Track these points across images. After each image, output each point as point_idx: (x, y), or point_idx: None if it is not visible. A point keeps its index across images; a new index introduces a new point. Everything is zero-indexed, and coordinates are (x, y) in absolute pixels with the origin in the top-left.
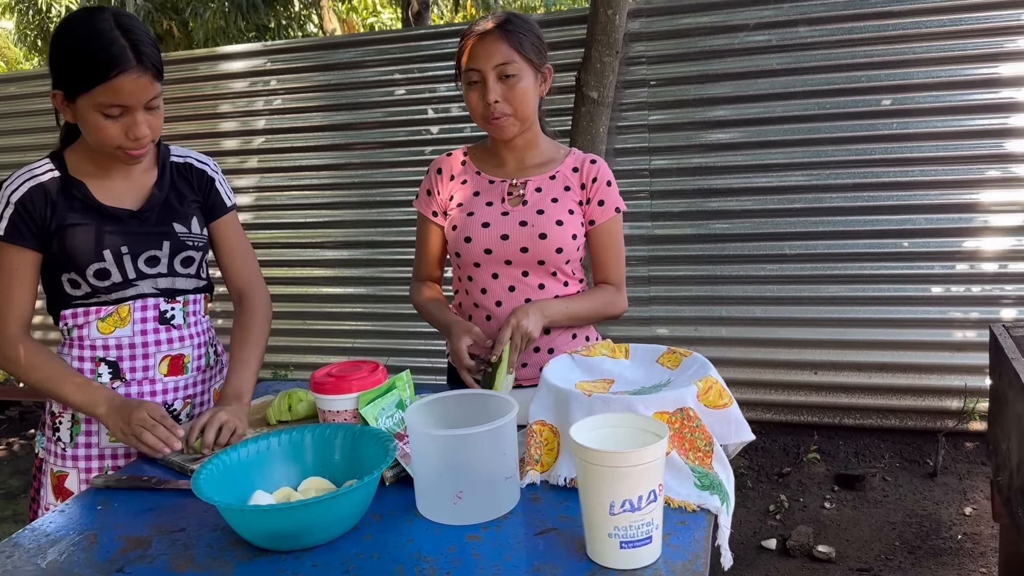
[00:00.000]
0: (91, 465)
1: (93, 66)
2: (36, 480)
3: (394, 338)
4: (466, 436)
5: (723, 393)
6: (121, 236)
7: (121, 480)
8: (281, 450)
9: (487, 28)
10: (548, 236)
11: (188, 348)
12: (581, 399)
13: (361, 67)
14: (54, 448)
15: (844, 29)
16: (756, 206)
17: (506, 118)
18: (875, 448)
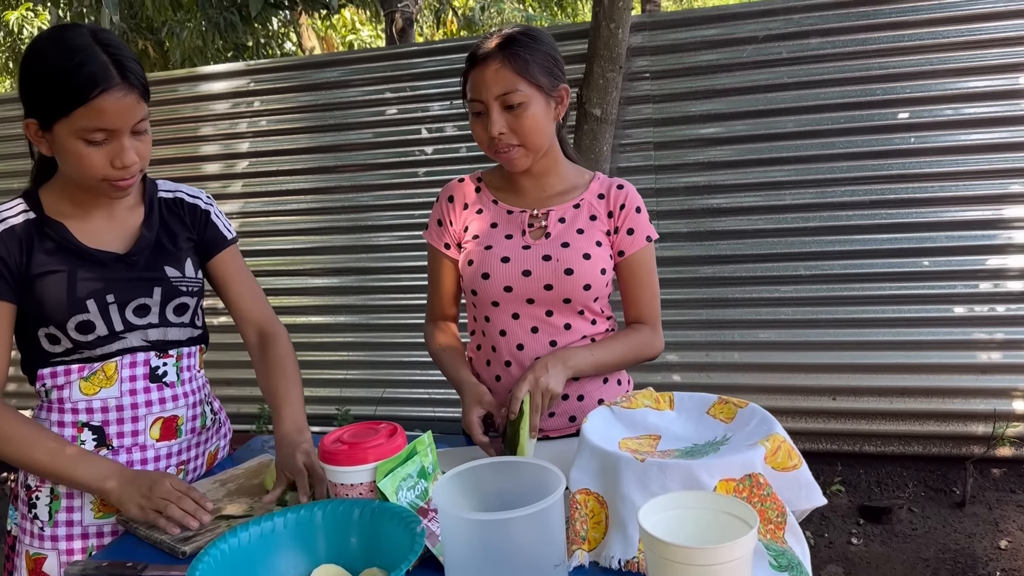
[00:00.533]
0: (73, 546)
1: (72, 86)
2: (10, 562)
3: (387, 368)
4: (508, 521)
5: (792, 453)
6: (106, 283)
7: (101, 567)
8: (288, 533)
9: (488, 51)
10: (575, 272)
11: (182, 408)
12: (633, 465)
13: (347, 86)
14: (30, 527)
15: (858, 40)
16: (768, 225)
17: (514, 149)
18: (898, 477)
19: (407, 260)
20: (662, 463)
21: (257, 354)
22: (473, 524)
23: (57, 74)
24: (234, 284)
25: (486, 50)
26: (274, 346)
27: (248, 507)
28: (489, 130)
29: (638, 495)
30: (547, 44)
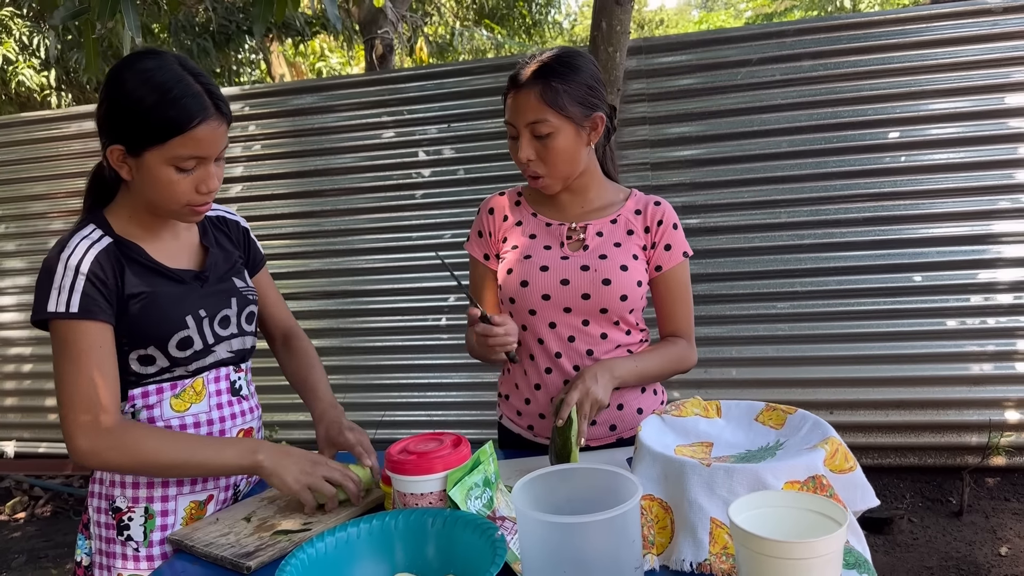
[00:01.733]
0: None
1: (171, 116)
2: None
3: (384, 391)
4: (589, 524)
5: (848, 455)
6: (195, 299)
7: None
8: (366, 541)
9: (525, 78)
10: (612, 282)
11: (254, 420)
12: (699, 470)
13: (337, 111)
14: (121, 550)
15: (849, 63)
16: (765, 243)
17: (543, 179)
18: (896, 488)
19: (400, 282)
20: (728, 467)
21: (282, 349)
22: (554, 527)
23: (154, 105)
24: (270, 296)
25: (523, 77)
26: (299, 340)
27: (303, 521)
28: (519, 155)
29: (705, 499)
30: (585, 72)
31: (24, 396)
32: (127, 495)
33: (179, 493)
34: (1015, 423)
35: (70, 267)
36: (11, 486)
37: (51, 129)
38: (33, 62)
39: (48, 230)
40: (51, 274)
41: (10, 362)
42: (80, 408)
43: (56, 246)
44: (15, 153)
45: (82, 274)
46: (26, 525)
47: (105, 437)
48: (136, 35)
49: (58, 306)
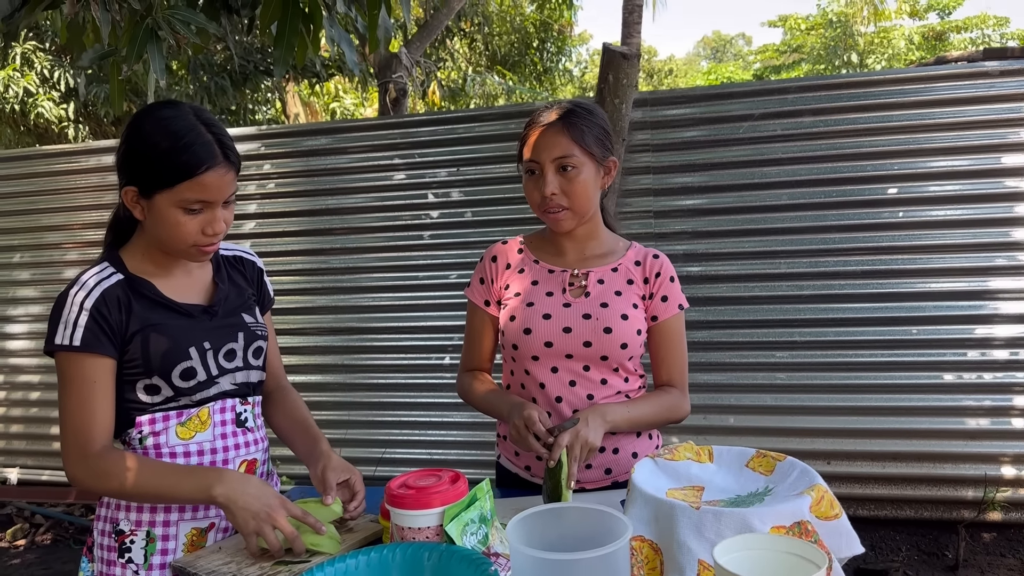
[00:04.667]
0: None
1: (180, 162)
2: None
3: (387, 428)
4: (579, 561)
5: (833, 503)
6: (200, 332)
7: None
8: (368, 572)
9: (550, 120)
10: (613, 330)
11: (258, 452)
12: (689, 513)
13: (356, 152)
14: (121, 573)
15: (850, 120)
16: (764, 292)
17: (563, 212)
18: (891, 540)
19: (405, 320)
20: (717, 511)
21: (270, 397)
22: (545, 563)
23: (166, 151)
24: (269, 341)
25: (548, 117)
26: (291, 391)
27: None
28: (542, 190)
29: (694, 541)
30: (601, 118)
31: (30, 424)
32: (131, 518)
33: (180, 519)
34: (1011, 478)
35: (76, 303)
36: (12, 513)
37: (70, 162)
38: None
39: (62, 260)
40: (60, 309)
41: (19, 389)
42: (71, 435)
43: (71, 282)
44: (34, 184)
45: (86, 310)
46: (26, 552)
47: (88, 463)
48: (160, 77)
49: (63, 339)
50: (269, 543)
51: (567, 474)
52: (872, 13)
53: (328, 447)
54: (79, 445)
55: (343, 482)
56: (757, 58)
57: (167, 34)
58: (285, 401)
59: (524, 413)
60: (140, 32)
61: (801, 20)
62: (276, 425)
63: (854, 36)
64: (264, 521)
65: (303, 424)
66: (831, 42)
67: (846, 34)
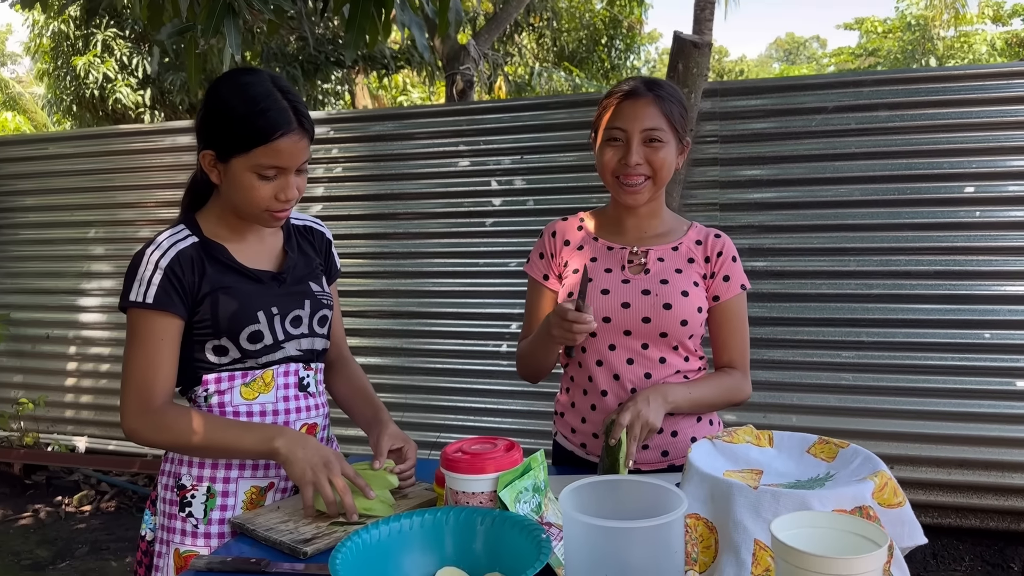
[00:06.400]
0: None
1: (257, 127)
2: (142, 567)
3: (429, 412)
4: (633, 529)
5: (897, 491)
6: (269, 297)
7: (227, 562)
8: (418, 533)
9: (640, 89)
10: (673, 307)
11: (319, 417)
12: (747, 492)
13: (423, 138)
14: (181, 526)
15: (927, 115)
16: (831, 290)
17: (645, 182)
18: (954, 549)
19: (465, 307)
20: (775, 491)
21: (332, 367)
22: (599, 531)
23: (243, 115)
24: (334, 311)
25: (637, 89)
26: (352, 361)
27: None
28: (628, 159)
29: (751, 521)
30: (684, 99)
31: (99, 395)
32: (192, 473)
33: (240, 476)
34: None
35: (151, 262)
36: (80, 480)
37: (145, 141)
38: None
39: (135, 237)
40: (136, 267)
41: (89, 361)
42: (133, 389)
43: (147, 242)
44: (110, 163)
45: (160, 269)
46: (91, 518)
47: (148, 417)
48: (236, 53)
49: (137, 296)
50: (324, 493)
51: (625, 453)
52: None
53: (387, 416)
54: (141, 399)
55: (397, 450)
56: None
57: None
58: (347, 370)
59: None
60: (218, 7)
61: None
62: (337, 393)
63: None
64: (320, 472)
65: (363, 392)
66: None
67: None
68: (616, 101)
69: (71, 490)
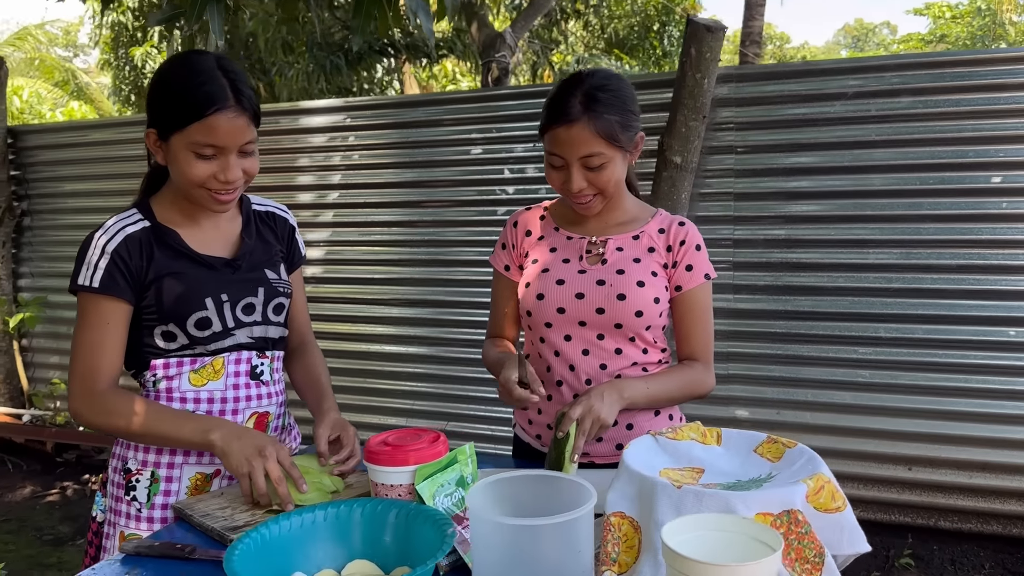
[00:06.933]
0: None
1: (190, 102)
2: (92, 547)
3: (454, 402)
4: (537, 527)
5: (836, 494)
6: (219, 284)
7: (154, 547)
8: (327, 526)
9: (572, 112)
10: (627, 297)
11: (272, 406)
12: (670, 491)
13: (436, 125)
14: (126, 509)
15: (951, 101)
16: (849, 284)
17: (592, 199)
18: (974, 556)
19: (484, 296)
20: (699, 491)
21: (293, 353)
22: (503, 528)
23: (179, 91)
24: (297, 298)
25: (569, 111)
26: (313, 348)
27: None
28: (569, 186)
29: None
30: (625, 95)
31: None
32: (138, 458)
33: (185, 463)
34: None
35: (98, 246)
36: None
37: None
38: None
39: None
40: (84, 251)
41: None
42: (78, 372)
43: (97, 226)
44: None
45: (107, 254)
46: None
47: (91, 400)
48: (219, 38)
49: (84, 280)
50: (256, 485)
51: (571, 447)
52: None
53: (331, 405)
54: (85, 383)
55: (335, 440)
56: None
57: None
58: (305, 358)
59: (501, 378)
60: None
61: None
62: (293, 380)
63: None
64: (256, 463)
65: (315, 381)
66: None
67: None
68: (550, 124)
69: (99, 468)
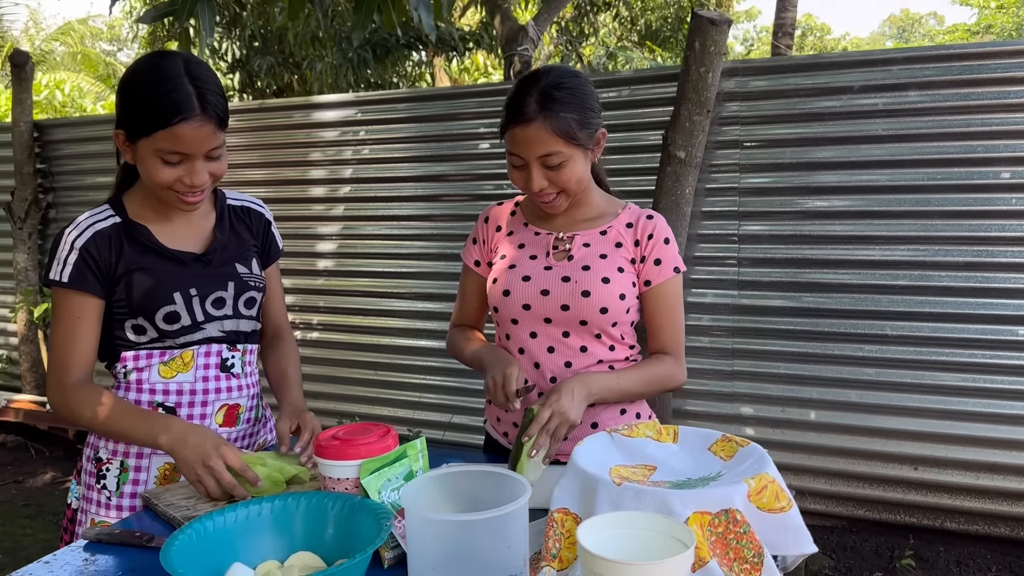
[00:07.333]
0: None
1: (157, 110)
2: (67, 533)
3: (462, 395)
4: (466, 523)
5: (780, 494)
6: (188, 278)
7: (114, 535)
8: (271, 518)
9: (527, 112)
10: (592, 294)
11: (243, 398)
12: (609, 488)
13: (450, 120)
14: (96, 497)
15: (960, 95)
16: (855, 280)
17: (556, 197)
18: (980, 558)
19: None
20: (638, 489)
21: (268, 345)
22: (433, 524)
23: (146, 97)
24: (272, 291)
25: (525, 110)
26: (286, 341)
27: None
28: (530, 186)
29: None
30: (583, 92)
31: None
32: (108, 448)
33: (154, 453)
34: None
35: (68, 242)
36: None
37: None
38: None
39: None
40: (56, 246)
41: None
42: (52, 364)
43: (69, 222)
44: None
45: (76, 249)
46: None
47: (64, 392)
48: (209, 35)
49: (55, 274)
50: (209, 490)
51: (530, 446)
52: None
53: (295, 397)
54: (58, 374)
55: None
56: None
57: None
58: (278, 350)
59: (506, 371)
60: None
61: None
62: (266, 372)
63: None
64: (204, 471)
65: (282, 373)
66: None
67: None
68: (508, 124)
69: None
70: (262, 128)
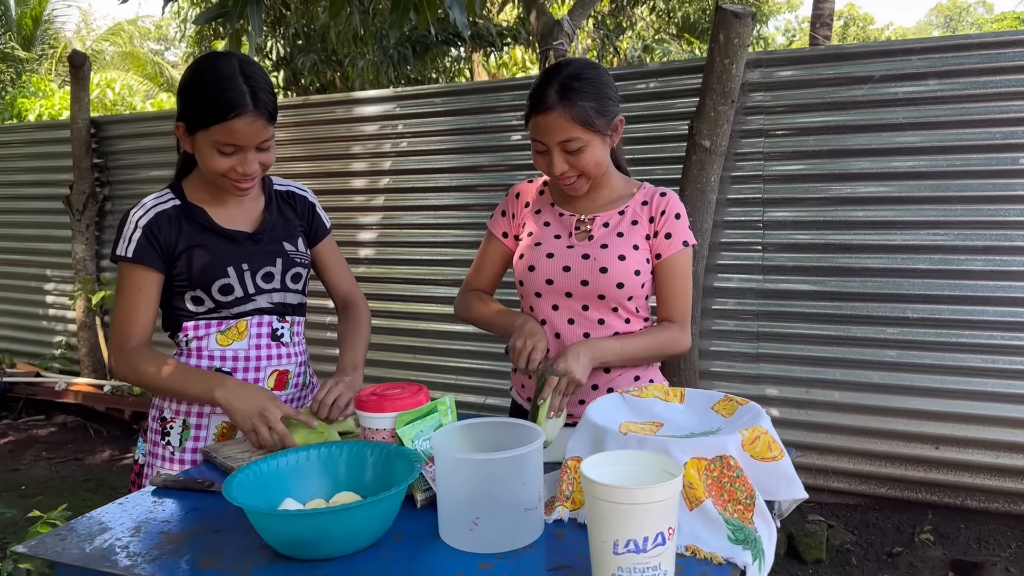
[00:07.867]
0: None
1: (213, 107)
2: (135, 486)
3: (497, 378)
4: (487, 461)
5: (773, 445)
6: (241, 255)
7: (179, 481)
8: (318, 463)
9: (548, 100)
10: (609, 270)
11: (292, 365)
12: (616, 437)
13: (484, 113)
14: (162, 452)
15: (978, 83)
16: (877, 264)
17: (577, 180)
18: (1001, 536)
19: None
20: (641, 438)
21: (341, 314)
22: (458, 462)
23: (204, 94)
24: (331, 264)
25: (546, 99)
26: (354, 308)
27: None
28: (552, 170)
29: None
30: (600, 83)
31: None
32: (172, 408)
33: (213, 412)
34: None
35: (133, 221)
36: None
37: None
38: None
39: None
40: (122, 225)
41: None
42: (114, 332)
43: (135, 203)
44: None
45: (140, 228)
46: None
47: (123, 357)
48: (258, 36)
49: (121, 251)
50: (262, 439)
51: (547, 407)
52: None
53: (344, 361)
54: (118, 341)
55: None
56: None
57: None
58: (344, 318)
59: (536, 343)
60: None
61: None
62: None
63: None
64: (258, 420)
65: (343, 338)
66: None
67: None
68: (531, 112)
69: None
70: (306, 123)
